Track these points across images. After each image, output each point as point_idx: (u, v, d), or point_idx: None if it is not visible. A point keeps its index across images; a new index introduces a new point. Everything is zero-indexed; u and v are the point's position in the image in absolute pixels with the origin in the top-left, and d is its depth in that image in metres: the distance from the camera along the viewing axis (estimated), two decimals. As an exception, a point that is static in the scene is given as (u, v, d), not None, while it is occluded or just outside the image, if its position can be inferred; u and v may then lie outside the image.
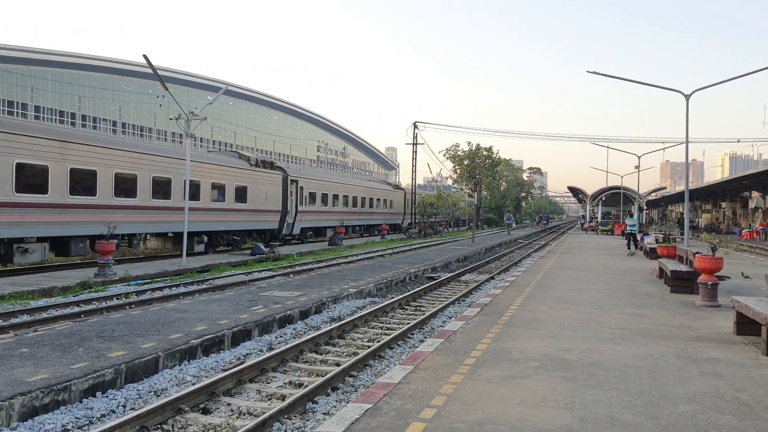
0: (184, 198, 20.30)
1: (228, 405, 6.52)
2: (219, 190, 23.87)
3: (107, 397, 6.61)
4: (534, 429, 4.59)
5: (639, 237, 27.84)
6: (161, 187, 20.75)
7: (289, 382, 7.46)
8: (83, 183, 17.59)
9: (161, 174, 20.74)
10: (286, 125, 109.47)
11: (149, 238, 22.92)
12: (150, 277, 16.24)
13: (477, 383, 5.80)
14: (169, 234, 22.65)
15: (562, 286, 13.69)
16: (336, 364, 8.25)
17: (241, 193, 25.33)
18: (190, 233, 20.96)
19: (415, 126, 49.15)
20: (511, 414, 4.91)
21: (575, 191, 70.61)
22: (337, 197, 36.38)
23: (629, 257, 23.44)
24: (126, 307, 11.64)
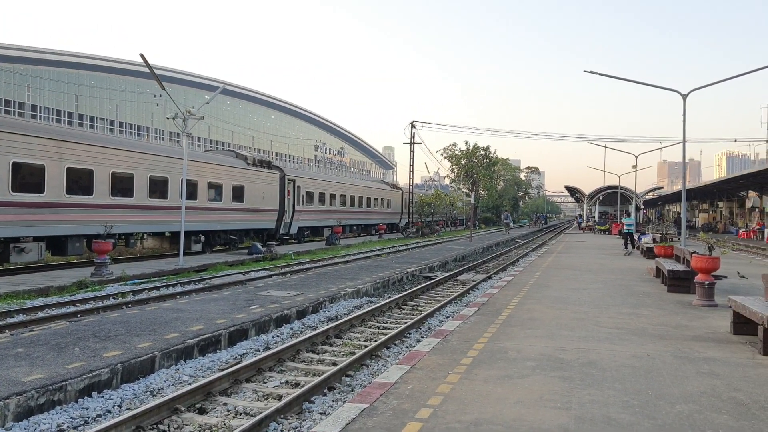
0: (181, 197, 20.28)
1: (224, 405, 6.50)
2: (216, 189, 23.84)
3: (103, 397, 6.59)
4: (531, 429, 4.58)
5: (636, 236, 27.86)
6: (158, 187, 20.72)
7: (286, 381, 7.45)
8: (80, 182, 17.55)
9: (158, 173, 20.70)
10: (283, 124, 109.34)
11: (146, 237, 22.91)
12: (147, 277, 16.22)
13: (474, 383, 5.79)
14: (166, 233, 22.65)
15: (559, 285, 13.69)
16: (333, 363, 8.24)
17: (239, 193, 25.30)
18: (187, 233, 20.95)
19: (413, 125, 49.11)
20: (508, 414, 4.91)
21: (572, 191, 70.66)
22: (335, 197, 36.36)
23: (626, 257, 23.46)
24: (122, 307, 11.62)
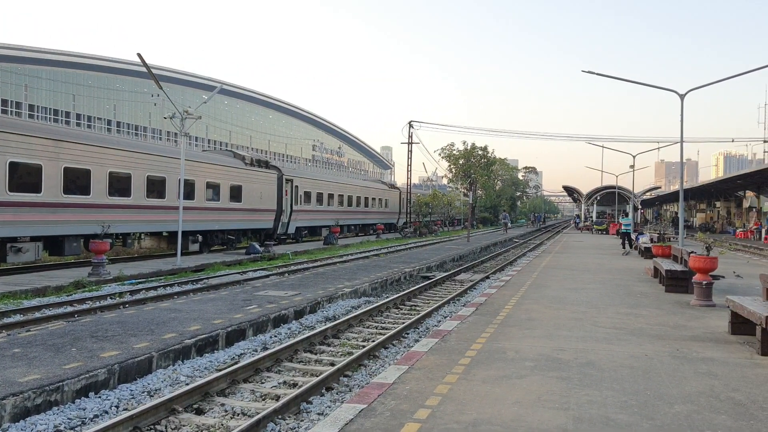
0: (178, 197, 20.24)
1: (222, 405, 6.49)
2: (214, 189, 23.81)
3: (100, 398, 6.56)
4: (529, 429, 4.57)
5: (634, 236, 27.88)
6: (156, 186, 20.68)
7: (284, 382, 7.43)
8: (77, 182, 17.51)
9: (156, 173, 20.66)
10: (281, 124, 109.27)
11: (144, 237, 22.84)
12: (144, 277, 16.18)
13: (472, 383, 5.78)
14: (164, 233, 22.60)
15: (557, 285, 13.69)
16: (331, 363, 8.23)
17: (236, 193, 25.26)
18: (184, 232, 20.91)
19: (411, 125, 49.06)
20: (506, 414, 4.90)
21: (570, 190, 70.80)
22: (332, 196, 36.34)
23: (624, 257, 23.47)
24: (120, 307, 11.58)
